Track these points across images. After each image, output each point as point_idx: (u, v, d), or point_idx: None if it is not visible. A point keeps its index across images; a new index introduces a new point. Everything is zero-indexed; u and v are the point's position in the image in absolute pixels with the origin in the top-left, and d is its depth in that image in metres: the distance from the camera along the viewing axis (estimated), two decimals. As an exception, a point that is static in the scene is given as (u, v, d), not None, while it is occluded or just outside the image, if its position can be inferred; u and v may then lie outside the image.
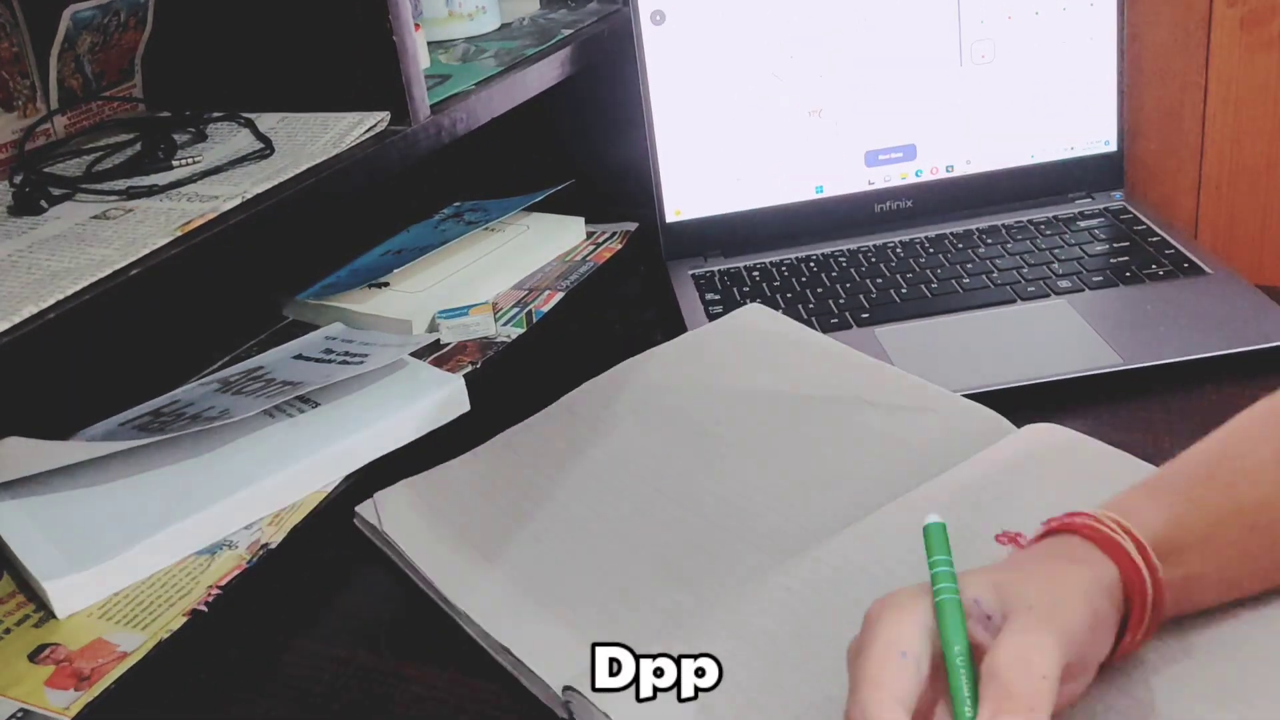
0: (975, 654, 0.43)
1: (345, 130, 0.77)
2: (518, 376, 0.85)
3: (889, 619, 0.44)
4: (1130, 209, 0.94)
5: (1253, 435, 0.52)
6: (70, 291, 0.59)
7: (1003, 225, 0.94)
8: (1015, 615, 0.43)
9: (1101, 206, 0.95)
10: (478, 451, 0.73)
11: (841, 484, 0.65)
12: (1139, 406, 0.71)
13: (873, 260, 0.91)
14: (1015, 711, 0.39)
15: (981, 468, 0.62)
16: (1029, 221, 0.94)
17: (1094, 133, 0.97)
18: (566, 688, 0.52)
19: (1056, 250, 0.89)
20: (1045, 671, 0.40)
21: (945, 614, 0.44)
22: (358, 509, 0.69)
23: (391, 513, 0.67)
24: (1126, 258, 0.87)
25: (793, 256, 0.93)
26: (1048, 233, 0.92)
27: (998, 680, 0.40)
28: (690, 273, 0.93)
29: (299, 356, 0.83)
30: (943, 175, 0.97)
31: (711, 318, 0.86)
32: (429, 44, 0.99)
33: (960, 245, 0.92)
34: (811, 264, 0.92)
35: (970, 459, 0.63)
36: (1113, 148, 0.97)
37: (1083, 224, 0.93)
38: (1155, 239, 0.89)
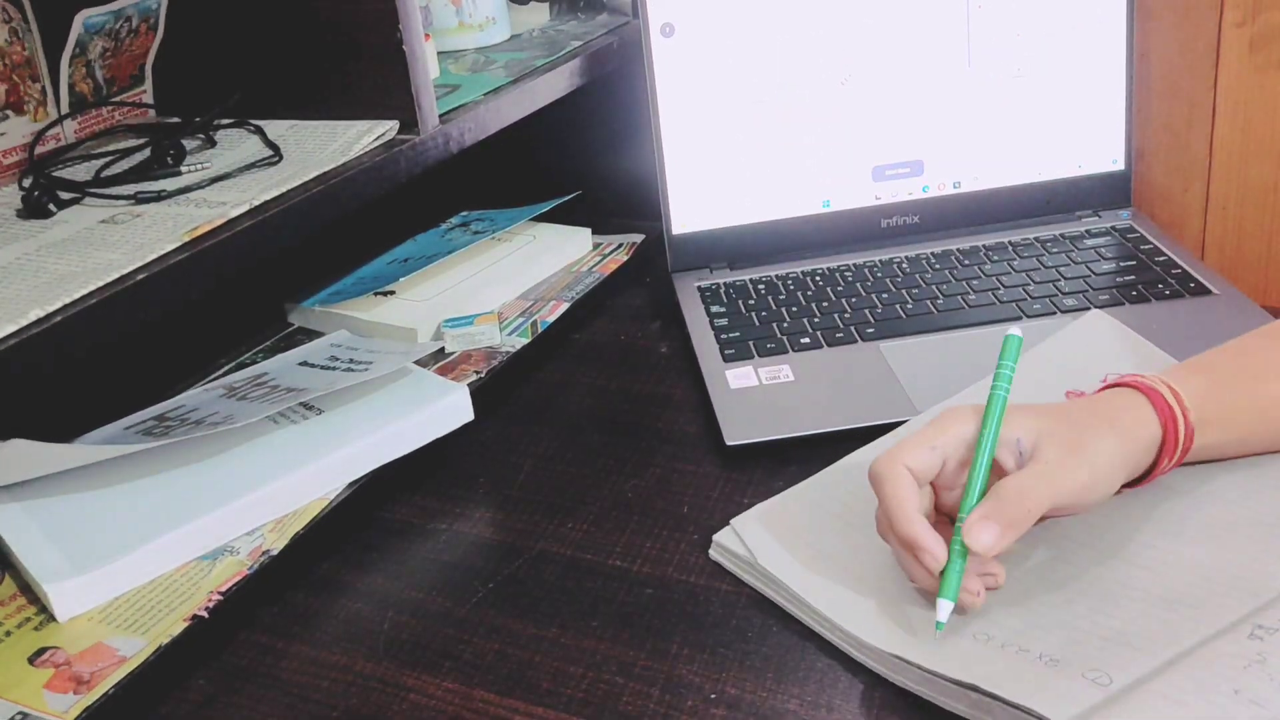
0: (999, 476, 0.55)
1: (354, 139, 0.77)
2: (522, 386, 0.85)
3: (939, 421, 0.57)
4: (1137, 228, 0.94)
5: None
6: (77, 295, 0.59)
7: (1009, 242, 0.94)
8: (1034, 463, 0.55)
9: (1108, 225, 0.95)
10: (821, 476, 0.68)
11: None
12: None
13: (879, 275, 0.91)
14: (997, 521, 0.53)
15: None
16: (1036, 239, 0.94)
17: (1102, 151, 0.97)
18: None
19: (1063, 268, 0.89)
20: (1032, 508, 0.53)
21: (991, 406, 0.57)
22: (715, 538, 0.65)
23: (755, 538, 0.63)
24: (1133, 276, 0.86)
25: (798, 270, 0.93)
26: (1054, 250, 0.92)
27: (998, 498, 0.54)
28: (696, 284, 0.93)
29: (304, 363, 0.83)
30: (950, 191, 0.97)
31: (716, 330, 0.86)
32: (439, 54, 1.00)
33: (967, 261, 0.92)
34: (817, 278, 0.92)
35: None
36: (1120, 166, 0.97)
37: (1089, 242, 0.93)
38: (1162, 258, 0.88)
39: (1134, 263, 0.88)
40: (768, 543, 0.62)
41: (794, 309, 0.88)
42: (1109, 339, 0.76)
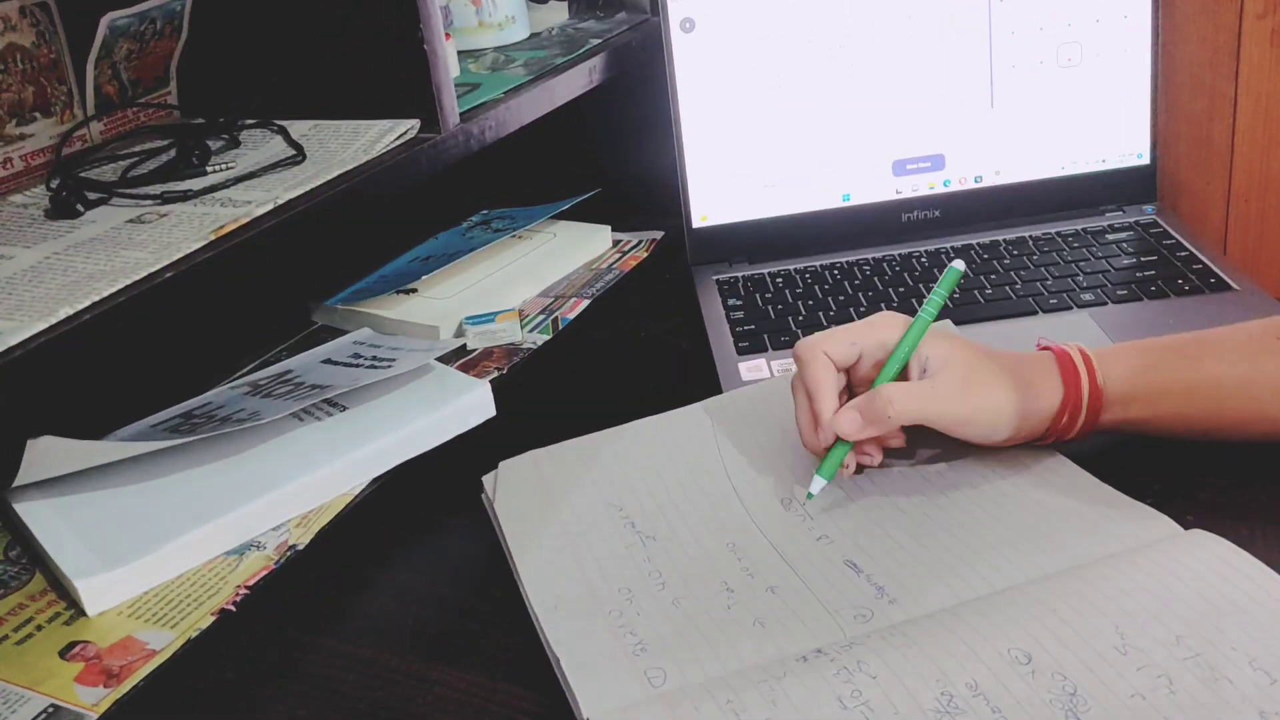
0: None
1: (376, 138, 0.78)
2: (543, 383, 0.86)
3: (869, 324, 0.65)
4: (1160, 223, 0.94)
5: (1234, 332, 0.65)
6: (105, 294, 0.60)
7: (1030, 237, 0.94)
8: (923, 382, 0.62)
9: (1131, 220, 0.95)
10: (605, 433, 0.73)
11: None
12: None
13: (897, 269, 0.91)
14: (863, 414, 0.61)
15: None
16: (1057, 233, 0.94)
17: (1126, 145, 0.96)
18: None
19: (1082, 263, 0.89)
20: (893, 415, 0.60)
21: (915, 324, 0.63)
22: (484, 479, 0.70)
23: (505, 485, 0.68)
24: (1152, 271, 0.86)
25: (817, 264, 0.94)
26: (1075, 245, 0.92)
27: (871, 396, 0.61)
28: (714, 277, 0.94)
29: (327, 361, 0.84)
30: (971, 186, 0.97)
31: (731, 322, 0.87)
32: (459, 53, 1.00)
33: (986, 256, 0.92)
34: (835, 271, 0.92)
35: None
36: (1145, 161, 0.96)
37: (1111, 237, 0.92)
38: (1183, 253, 0.88)
39: (1155, 258, 0.88)
40: (511, 492, 0.68)
41: (810, 302, 0.88)
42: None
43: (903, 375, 0.63)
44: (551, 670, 0.57)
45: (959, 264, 0.66)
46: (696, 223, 0.96)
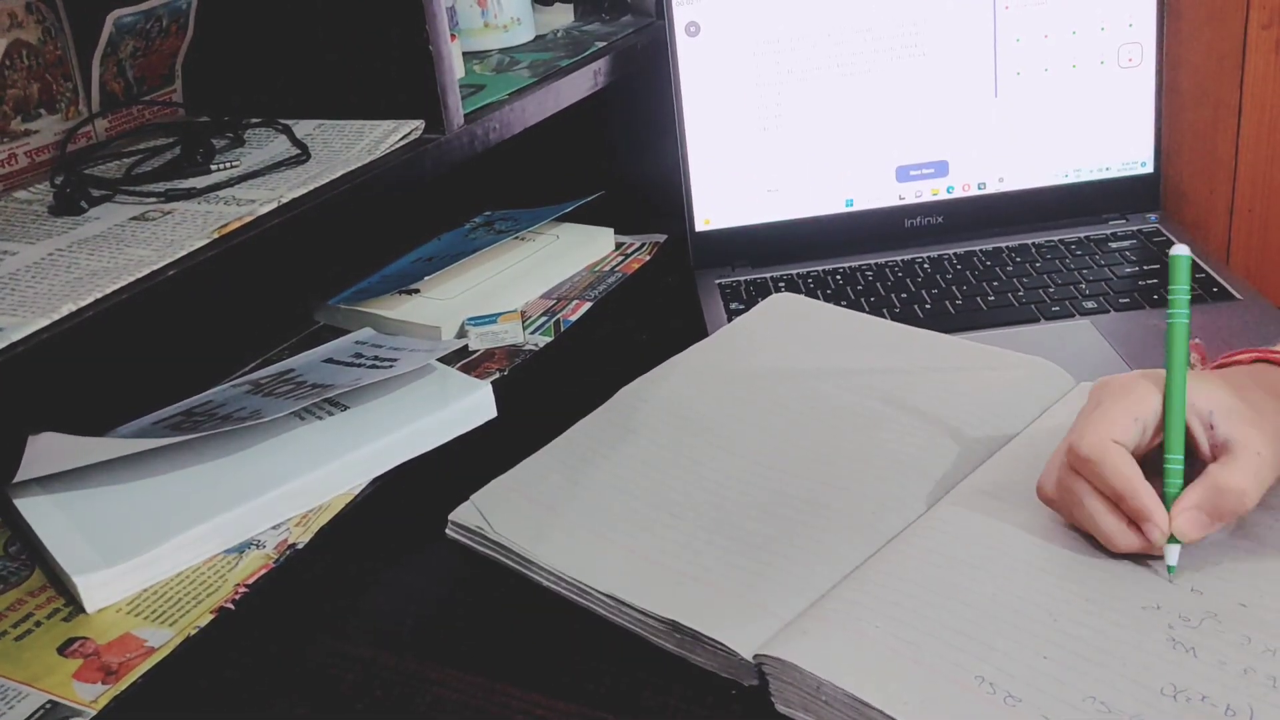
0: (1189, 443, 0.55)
1: (380, 138, 0.78)
2: (545, 384, 0.86)
3: (1131, 393, 0.56)
4: (1164, 231, 0.94)
5: None
6: (108, 291, 0.60)
7: (1033, 244, 0.94)
8: (1245, 453, 0.54)
9: (1135, 228, 0.95)
10: (550, 448, 0.73)
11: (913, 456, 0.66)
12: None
13: (899, 275, 0.91)
14: (1210, 515, 0.54)
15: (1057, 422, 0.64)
16: (1060, 241, 0.94)
17: (1130, 154, 0.96)
18: (760, 654, 0.53)
19: (1085, 271, 0.89)
20: (1248, 506, 0.53)
21: (1174, 377, 0.55)
22: (451, 517, 0.68)
23: (496, 512, 0.67)
24: (1155, 280, 0.86)
25: (819, 268, 0.94)
26: (1078, 253, 0.92)
27: (1218, 492, 0.53)
28: (717, 281, 0.94)
29: (329, 360, 0.84)
30: (974, 192, 0.97)
31: (735, 327, 0.87)
32: (464, 54, 1.00)
33: (988, 263, 0.92)
34: (838, 276, 0.92)
35: (1045, 415, 0.66)
36: (1149, 169, 0.96)
37: (1114, 245, 0.92)
38: (1186, 260, 0.88)
39: (1157, 266, 0.88)
40: (500, 513, 0.67)
41: (816, 309, 0.88)
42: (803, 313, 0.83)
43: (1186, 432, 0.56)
44: (551, 671, 0.57)
45: (1182, 249, 0.56)
46: (699, 226, 0.96)
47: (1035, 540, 0.57)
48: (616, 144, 1.16)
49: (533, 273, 0.98)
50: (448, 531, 0.68)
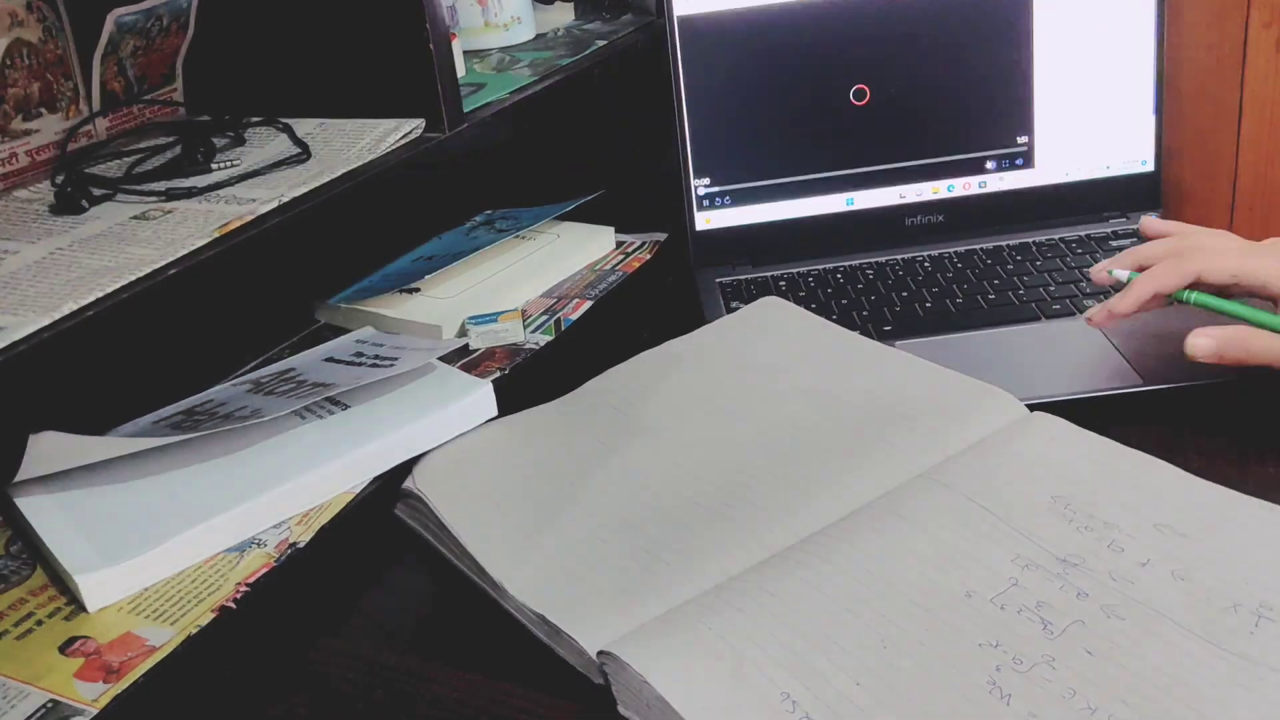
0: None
1: (381, 136, 0.78)
2: (545, 383, 0.86)
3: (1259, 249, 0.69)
4: (1163, 229, 0.94)
5: None
6: (109, 290, 0.60)
7: (1034, 243, 0.94)
8: None
9: (1135, 227, 0.95)
10: (509, 421, 0.75)
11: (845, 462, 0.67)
12: (1158, 428, 0.71)
13: (900, 274, 0.91)
14: (1218, 342, 0.67)
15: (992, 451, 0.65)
16: (1060, 240, 0.94)
17: (1131, 152, 0.96)
18: (602, 652, 0.53)
19: (1085, 269, 0.88)
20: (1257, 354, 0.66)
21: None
22: (405, 485, 0.70)
23: (432, 480, 0.69)
24: (1157, 277, 0.86)
25: (820, 267, 0.94)
26: (1079, 251, 0.92)
27: (1236, 330, 0.66)
28: (717, 280, 0.94)
29: (330, 359, 0.84)
30: (975, 191, 0.97)
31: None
32: (465, 53, 1.00)
33: (989, 261, 0.92)
34: (838, 275, 0.92)
35: (982, 443, 0.66)
36: (1150, 168, 0.96)
37: (1115, 244, 0.92)
38: (1187, 259, 0.88)
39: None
40: (436, 484, 0.69)
41: (812, 306, 0.88)
42: (786, 320, 0.83)
43: None
44: (551, 670, 0.57)
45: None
46: (700, 225, 0.96)
47: (911, 566, 0.56)
48: (617, 142, 1.16)
49: (533, 271, 0.98)
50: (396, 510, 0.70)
